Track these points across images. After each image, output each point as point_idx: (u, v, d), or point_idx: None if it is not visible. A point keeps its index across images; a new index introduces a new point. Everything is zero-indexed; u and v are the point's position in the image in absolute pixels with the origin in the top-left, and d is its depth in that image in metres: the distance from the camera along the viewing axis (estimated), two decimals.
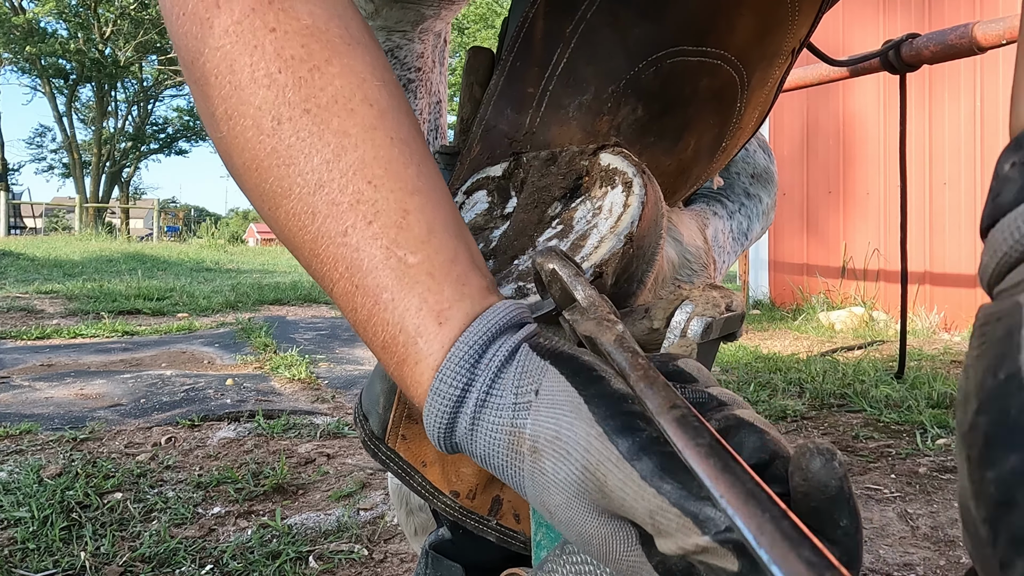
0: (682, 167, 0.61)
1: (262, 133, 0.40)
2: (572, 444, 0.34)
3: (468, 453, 0.39)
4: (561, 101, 0.56)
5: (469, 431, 0.38)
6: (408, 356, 0.39)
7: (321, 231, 0.39)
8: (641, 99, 0.56)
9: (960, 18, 3.99)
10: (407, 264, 0.39)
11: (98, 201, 29.55)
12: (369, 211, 0.39)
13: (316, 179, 0.39)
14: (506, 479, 0.38)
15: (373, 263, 0.39)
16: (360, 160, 0.40)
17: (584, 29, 0.55)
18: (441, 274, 0.40)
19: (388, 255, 0.39)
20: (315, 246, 0.40)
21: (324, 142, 0.39)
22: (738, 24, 0.56)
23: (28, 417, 2.11)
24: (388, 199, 0.40)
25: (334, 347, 3.54)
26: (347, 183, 0.39)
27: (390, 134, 0.41)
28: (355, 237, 0.39)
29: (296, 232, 0.41)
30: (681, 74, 0.56)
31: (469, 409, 0.37)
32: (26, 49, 26.91)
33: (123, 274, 7.08)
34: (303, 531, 1.40)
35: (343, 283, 0.40)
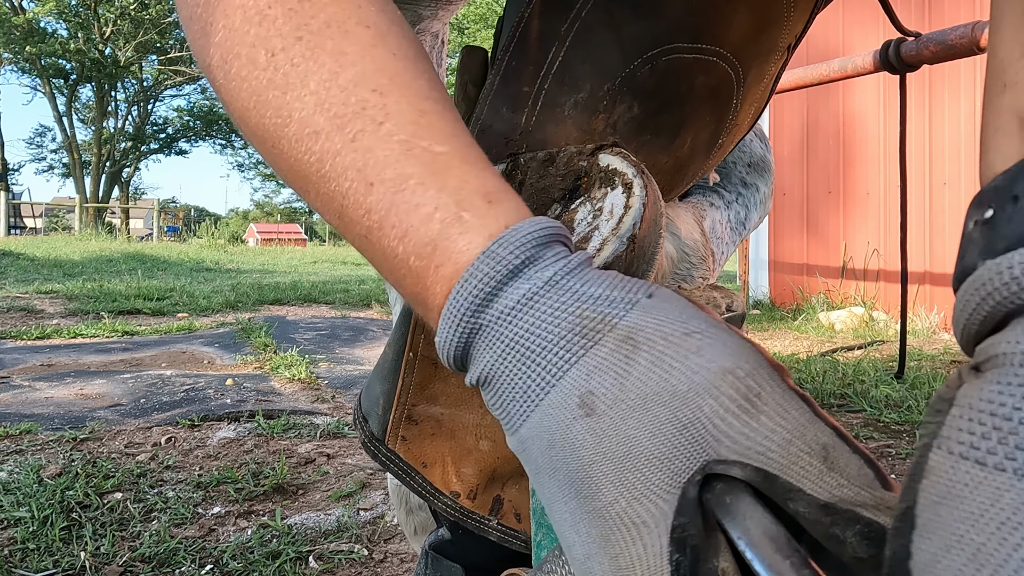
0: (679, 164, 0.62)
1: (257, 68, 0.40)
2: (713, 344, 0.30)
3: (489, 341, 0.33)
4: (557, 100, 0.57)
5: (521, 304, 0.32)
6: (448, 231, 0.34)
7: (326, 147, 0.38)
8: (637, 97, 0.56)
9: (960, 18, 3.99)
10: (434, 152, 0.36)
11: (98, 201, 29.56)
12: (378, 115, 0.37)
13: (315, 100, 0.38)
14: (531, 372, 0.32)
15: (391, 157, 0.36)
16: (360, 74, 0.38)
17: (579, 27, 0.55)
18: (480, 163, 0.37)
19: (409, 147, 0.36)
20: (321, 164, 0.38)
21: (319, 63, 0.39)
22: (734, 21, 0.56)
23: (28, 417, 2.12)
24: (399, 102, 0.38)
25: (334, 347, 3.54)
26: (348, 96, 0.38)
27: (392, 51, 0.40)
28: (366, 140, 0.37)
29: (301, 158, 0.39)
30: (677, 71, 0.56)
31: (532, 282, 0.33)
32: (26, 49, 26.92)
33: (123, 274, 7.09)
34: (303, 531, 1.40)
35: (356, 187, 0.36)
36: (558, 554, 0.46)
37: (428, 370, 0.67)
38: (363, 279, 7.63)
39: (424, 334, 0.66)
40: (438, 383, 0.68)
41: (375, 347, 3.61)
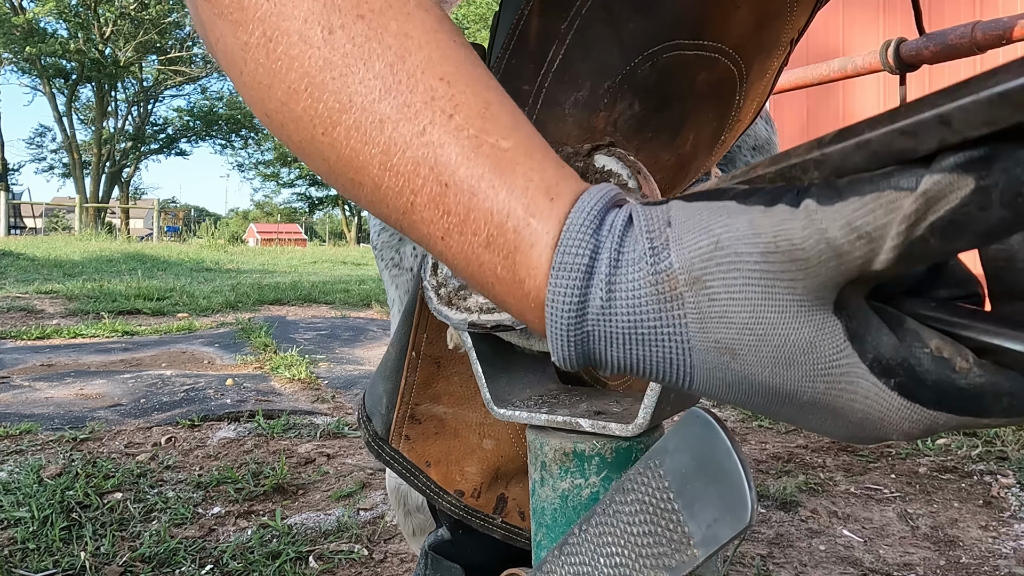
0: (681, 161, 0.61)
1: (311, 46, 0.37)
2: (738, 239, 0.30)
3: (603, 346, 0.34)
4: (557, 98, 0.56)
5: (606, 303, 0.33)
6: (521, 242, 0.35)
7: (393, 138, 0.36)
8: (638, 94, 0.56)
9: (960, 18, 3.99)
10: (501, 149, 0.36)
11: (98, 201, 29.56)
12: (447, 106, 0.36)
13: (381, 84, 0.36)
14: (661, 351, 0.33)
15: (463, 155, 0.36)
16: (427, 59, 0.37)
17: (579, 25, 0.55)
18: (540, 154, 0.37)
19: (478, 143, 0.36)
20: (387, 157, 0.36)
21: (384, 45, 0.36)
22: (735, 17, 0.56)
23: (28, 417, 2.11)
24: (466, 92, 0.37)
25: (334, 347, 3.54)
26: (416, 83, 0.36)
27: (452, 37, 0.39)
28: (436, 133, 0.36)
29: (360, 149, 0.37)
30: (678, 68, 0.56)
31: (603, 275, 0.33)
32: (26, 49, 26.92)
33: (123, 274, 7.09)
34: (303, 531, 1.40)
35: (428, 187, 0.36)
36: (557, 555, 0.46)
37: (431, 369, 0.67)
38: (363, 279, 7.63)
39: (427, 334, 0.66)
40: (441, 382, 0.68)
41: (375, 347, 3.61)
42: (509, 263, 0.35)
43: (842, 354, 0.29)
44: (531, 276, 0.35)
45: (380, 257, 0.98)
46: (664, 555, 0.40)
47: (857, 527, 1.44)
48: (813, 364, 0.30)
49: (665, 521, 0.40)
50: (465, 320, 0.52)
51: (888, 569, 1.27)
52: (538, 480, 0.54)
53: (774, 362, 0.30)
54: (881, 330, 0.29)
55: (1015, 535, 1.40)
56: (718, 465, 0.38)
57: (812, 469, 1.77)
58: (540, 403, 0.56)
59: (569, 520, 0.52)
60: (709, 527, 0.38)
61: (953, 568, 1.27)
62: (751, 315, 0.30)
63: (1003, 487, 1.63)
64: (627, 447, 0.51)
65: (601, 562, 0.43)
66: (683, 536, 0.40)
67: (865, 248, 0.27)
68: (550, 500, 0.53)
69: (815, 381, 0.30)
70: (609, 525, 0.43)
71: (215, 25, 0.39)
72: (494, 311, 0.51)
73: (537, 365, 0.62)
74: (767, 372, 0.31)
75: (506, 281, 0.36)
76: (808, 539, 1.39)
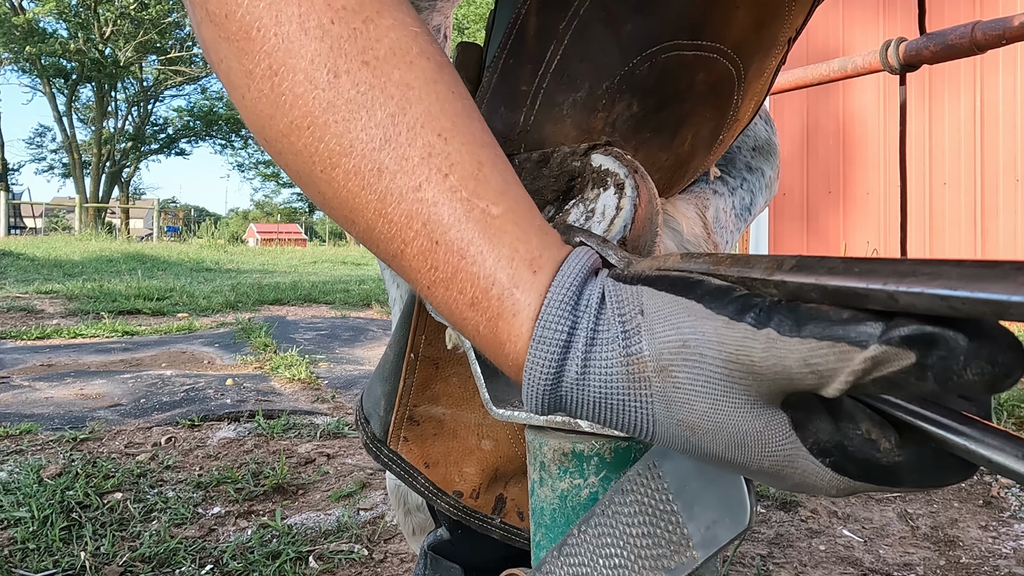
0: (679, 161, 0.61)
1: (316, 87, 0.37)
2: (704, 343, 0.33)
3: (574, 406, 0.37)
4: (555, 98, 0.56)
5: (580, 376, 0.36)
6: (504, 309, 0.37)
7: (390, 188, 0.37)
8: (636, 95, 0.56)
9: (960, 18, 3.99)
10: (491, 215, 0.38)
11: (98, 201, 29.56)
12: (443, 164, 0.37)
13: (382, 134, 0.37)
14: (628, 418, 0.36)
15: (455, 217, 0.37)
16: (427, 113, 0.38)
17: (577, 25, 0.55)
18: (525, 222, 0.39)
19: (470, 207, 0.37)
20: (382, 205, 0.38)
21: (387, 95, 0.37)
22: (734, 17, 0.56)
23: (28, 417, 2.12)
24: (461, 151, 0.38)
25: (334, 347, 3.54)
26: (415, 137, 0.37)
27: (451, 88, 0.40)
28: (431, 192, 0.37)
29: (358, 192, 0.38)
30: (676, 69, 0.56)
31: (579, 351, 0.36)
32: (26, 49, 26.92)
33: (123, 274, 7.09)
34: (303, 531, 1.40)
35: (419, 241, 0.38)
36: (555, 556, 0.46)
37: (429, 371, 0.67)
38: (363, 279, 7.63)
39: (425, 335, 0.66)
40: (439, 383, 0.68)
41: (375, 347, 3.61)
42: (491, 326, 0.38)
43: (787, 440, 0.33)
44: (511, 342, 0.38)
45: None
46: (663, 556, 0.40)
47: (857, 527, 1.44)
48: (761, 448, 0.33)
49: (664, 522, 0.40)
50: None
51: (888, 569, 1.27)
52: (537, 480, 0.54)
53: (727, 444, 0.34)
54: (822, 417, 0.33)
55: (1015, 535, 1.40)
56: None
57: None
58: None
59: (568, 520, 0.52)
60: (708, 529, 0.38)
61: (953, 568, 1.27)
62: (710, 406, 0.33)
63: (1003, 487, 1.63)
64: (626, 447, 0.51)
65: (600, 563, 0.43)
66: (682, 537, 0.39)
67: (815, 381, 0.30)
68: (549, 500, 0.53)
69: (762, 460, 0.34)
70: (608, 526, 0.43)
71: (219, 47, 0.40)
72: None
73: None
74: (720, 449, 0.34)
75: (487, 339, 0.39)
76: (808, 539, 1.39)
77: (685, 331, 0.34)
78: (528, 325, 0.37)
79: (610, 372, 0.35)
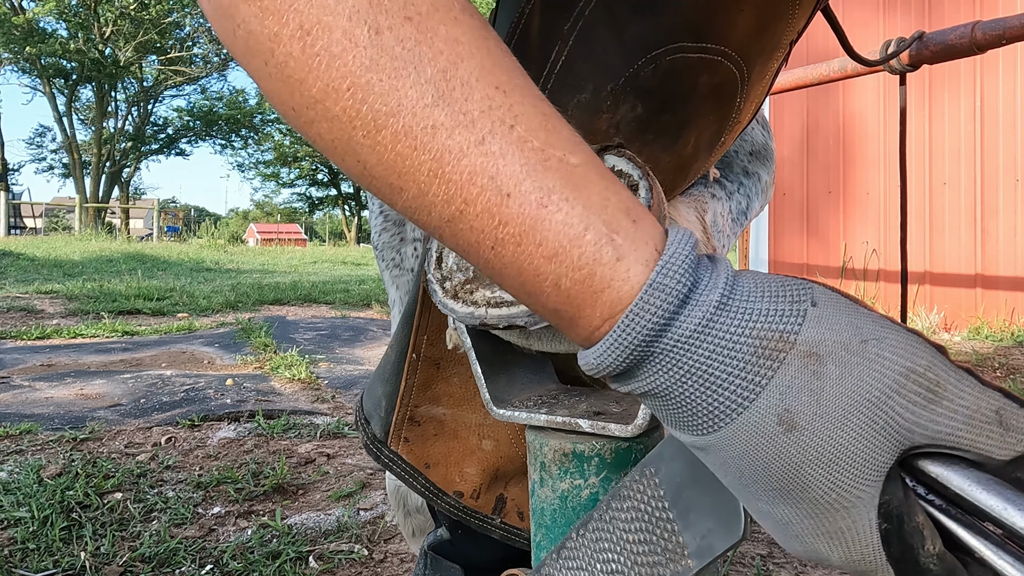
0: (681, 164, 0.61)
1: (357, 45, 0.35)
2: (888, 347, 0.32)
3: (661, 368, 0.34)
4: (559, 100, 0.56)
5: (694, 335, 0.33)
6: (602, 255, 0.34)
7: (447, 146, 0.35)
8: (640, 97, 0.55)
9: (960, 18, 3.99)
10: (571, 164, 0.35)
11: (98, 201, 29.56)
12: (507, 116, 0.35)
13: (434, 90, 0.35)
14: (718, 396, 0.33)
15: (529, 167, 0.35)
16: (480, 67, 0.36)
17: (582, 26, 0.55)
18: (608, 175, 0.36)
19: (545, 156, 0.35)
20: (438, 165, 0.35)
21: (436, 50, 0.35)
22: (739, 20, 0.55)
23: (28, 417, 2.11)
24: (523, 103, 0.36)
25: (334, 347, 3.54)
26: (471, 91, 0.35)
27: (499, 44, 0.38)
28: (497, 144, 0.35)
29: (408, 155, 0.35)
30: (680, 71, 0.56)
31: (704, 308, 0.33)
32: (26, 49, 26.92)
33: (123, 274, 7.09)
34: (303, 531, 1.40)
35: (485, 196, 0.35)
36: (555, 557, 0.46)
37: (430, 371, 0.67)
38: (363, 279, 7.63)
39: (427, 335, 0.66)
40: (440, 384, 0.68)
41: (375, 347, 3.61)
42: (583, 275, 0.35)
43: (877, 480, 0.32)
44: (612, 288, 0.35)
45: (381, 257, 0.98)
46: (659, 564, 0.40)
47: None
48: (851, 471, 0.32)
49: (660, 530, 0.40)
50: (472, 314, 0.51)
51: None
52: (537, 481, 0.54)
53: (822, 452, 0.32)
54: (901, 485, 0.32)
55: None
56: (713, 475, 0.38)
57: None
58: (539, 403, 0.56)
59: (568, 520, 0.52)
60: (703, 538, 0.38)
61: None
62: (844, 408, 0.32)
63: None
64: (626, 448, 0.51)
65: (598, 568, 0.43)
66: (678, 546, 0.39)
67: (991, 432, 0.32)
68: (549, 500, 0.53)
69: (839, 486, 0.32)
70: (605, 531, 0.43)
71: (237, 10, 0.37)
72: (503, 305, 0.50)
73: (537, 365, 0.62)
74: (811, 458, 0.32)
75: (570, 292, 0.36)
76: None
77: (867, 332, 0.33)
78: (639, 270, 0.34)
79: (736, 340, 0.33)
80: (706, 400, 0.34)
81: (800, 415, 0.32)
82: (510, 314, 0.49)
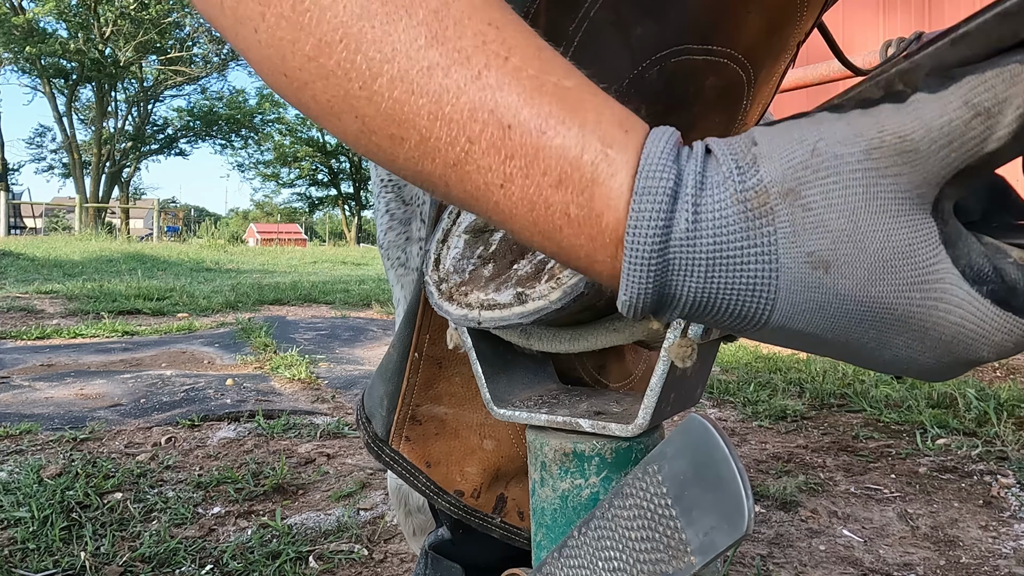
0: None
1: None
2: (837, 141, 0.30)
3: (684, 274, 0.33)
4: None
5: (692, 227, 0.32)
6: (599, 173, 0.34)
7: (445, 85, 0.34)
8: (645, 99, 0.55)
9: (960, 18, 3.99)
10: (565, 87, 0.35)
11: (98, 201, 29.56)
12: (500, 49, 0.35)
13: (426, 31, 0.34)
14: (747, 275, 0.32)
15: (525, 95, 0.34)
16: (470, 5, 0.35)
17: (588, 27, 0.54)
18: (601, 93, 0.36)
19: (540, 83, 0.35)
20: (437, 106, 0.34)
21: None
22: (745, 22, 0.55)
23: (28, 417, 2.11)
24: (516, 36, 0.36)
25: (334, 347, 3.54)
26: (464, 28, 0.35)
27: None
28: (492, 77, 0.34)
29: (406, 100, 0.35)
30: (686, 73, 0.55)
31: (687, 198, 0.32)
32: (26, 49, 26.92)
33: (123, 274, 7.09)
34: (303, 531, 1.40)
35: (488, 132, 0.34)
36: (556, 556, 0.46)
37: (433, 370, 0.67)
38: (363, 279, 7.63)
39: (429, 334, 0.66)
40: (442, 383, 0.68)
41: (375, 347, 3.61)
42: (585, 198, 0.34)
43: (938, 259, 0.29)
44: (611, 207, 0.34)
45: (386, 256, 0.98)
46: (661, 561, 0.40)
47: (857, 527, 1.44)
48: (910, 270, 0.30)
49: (663, 527, 0.40)
50: (465, 316, 0.52)
51: (888, 569, 1.27)
52: (538, 480, 0.54)
53: (870, 270, 0.30)
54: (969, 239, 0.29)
55: (1015, 535, 1.40)
56: (716, 472, 0.38)
57: (812, 469, 1.77)
58: (540, 403, 0.56)
59: (569, 520, 0.52)
60: (706, 535, 0.39)
61: (953, 568, 1.27)
62: (849, 220, 0.30)
63: (1003, 487, 1.63)
64: (627, 447, 0.51)
65: (600, 566, 0.43)
66: (680, 543, 0.40)
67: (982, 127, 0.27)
68: (550, 500, 0.53)
69: (911, 290, 0.30)
70: (608, 529, 0.43)
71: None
72: (495, 308, 0.50)
73: (537, 365, 0.62)
74: (862, 283, 0.30)
75: (579, 220, 0.34)
76: (808, 539, 1.39)
77: (811, 139, 0.31)
78: (628, 183, 0.33)
79: (725, 214, 0.32)
80: (741, 283, 0.32)
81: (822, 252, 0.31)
82: (502, 316, 0.50)
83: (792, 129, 0.32)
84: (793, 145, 0.31)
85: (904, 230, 0.30)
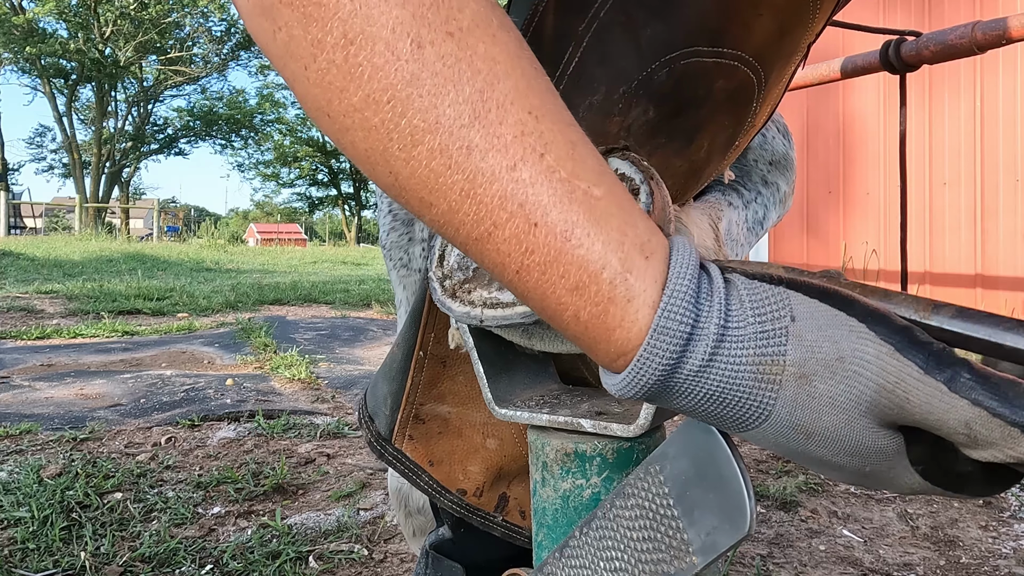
0: (694, 168, 0.61)
1: (399, 58, 0.35)
2: (863, 364, 0.34)
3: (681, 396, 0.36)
4: (571, 101, 0.55)
5: (701, 369, 0.35)
6: (616, 295, 0.36)
7: (480, 168, 0.35)
8: (653, 100, 0.55)
9: (960, 18, 3.99)
10: (594, 197, 0.36)
11: (98, 201, 29.55)
12: (537, 143, 0.36)
13: (471, 111, 0.35)
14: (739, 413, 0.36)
15: (556, 198, 0.36)
16: (515, 89, 0.36)
17: (596, 28, 0.54)
18: (628, 205, 0.38)
19: (571, 188, 0.36)
20: (471, 186, 0.35)
21: (474, 69, 0.35)
22: (756, 24, 0.54)
23: (28, 417, 2.11)
24: (553, 130, 0.36)
25: (334, 347, 3.54)
26: (506, 114, 0.36)
27: (532, 63, 0.38)
28: (527, 172, 0.35)
29: (442, 172, 0.36)
30: (695, 75, 0.55)
31: (705, 345, 0.35)
32: (26, 49, 26.91)
33: (123, 274, 7.08)
34: (303, 531, 1.40)
35: (514, 223, 0.36)
36: (557, 556, 0.46)
37: (437, 369, 0.67)
38: (363, 279, 7.63)
39: (434, 333, 0.66)
40: (446, 382, 0.68)
41: (375, 347, 3.61)
42: (599, 311, 0.36)
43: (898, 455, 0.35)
44: (623, 328, 0.36)
45: (389, 257, 0.98)
46: (663, 561, 0.40)
47: (857, 527, 1.44)
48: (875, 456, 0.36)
49: (664, 527, 0.40)
50: (468, 313, 0.51)
51: (888, 569, 1.27)
52: (539, 480, 0.54)
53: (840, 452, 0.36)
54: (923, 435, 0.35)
55: (1015, 535, 1.40)
56: (718, 473, 0.38)
57: None
58: (541, 403, 0.56)
59: (570, 520, 0.52)
60: (708, 535, 0.38)
61: (953, 568, 1.27)
62: (843, 421, 0.35)
63: None
64: (628, 448, 0.51)
65: (601, 566, 0.43)
66: (682, 543, 0.40)
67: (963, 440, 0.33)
68: (551, 500, 0.53)
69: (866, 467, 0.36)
70: (609, 529, 0.43)
71: (279, 13, 0.37)
72: (498, 307, 0.50)
73: (538, 365, 0.62)
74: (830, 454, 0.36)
75: (588, 324, 0.37)
76: (808, 539, 1.39)
77: (844, 347, 0.34)
78: (646, 312, 0.36)
79: (738, 370, 0.35)
80: (728, 415, 0.36)
81: (808, 425, 0.36)
82: (505, 315, 0.50)
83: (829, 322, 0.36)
84: (825, 343, 0.35)
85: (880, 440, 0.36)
